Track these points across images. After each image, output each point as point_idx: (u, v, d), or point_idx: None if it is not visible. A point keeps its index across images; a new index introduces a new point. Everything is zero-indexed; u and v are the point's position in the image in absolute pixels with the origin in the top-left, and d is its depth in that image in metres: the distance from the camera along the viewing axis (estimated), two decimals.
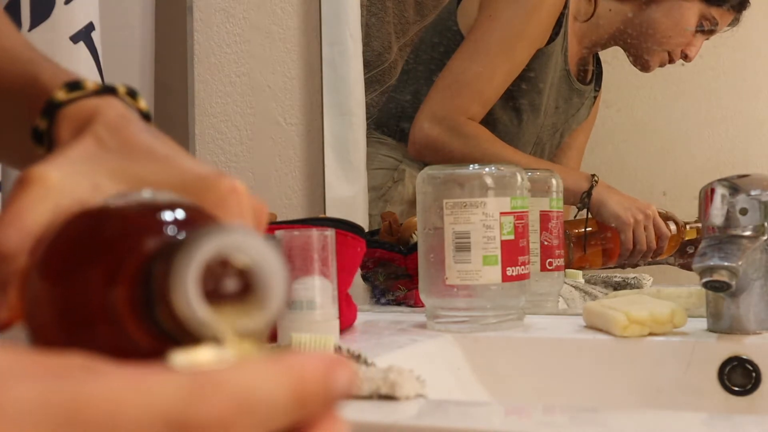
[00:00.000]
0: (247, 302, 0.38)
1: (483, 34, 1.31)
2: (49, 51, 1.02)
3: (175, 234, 0.39)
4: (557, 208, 1.19)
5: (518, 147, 1.35)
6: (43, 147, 0.52)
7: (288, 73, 1.36)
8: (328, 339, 0.85)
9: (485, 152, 1.27)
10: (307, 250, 0.93)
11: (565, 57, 1.34)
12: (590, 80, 1.39)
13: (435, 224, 1.03)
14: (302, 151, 1.35)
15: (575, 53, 1.36)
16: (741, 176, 0.96)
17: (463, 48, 1.31)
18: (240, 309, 0.37)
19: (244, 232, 0.37)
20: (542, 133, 1.38)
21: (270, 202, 1.35)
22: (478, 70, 1.30)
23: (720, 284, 0.90)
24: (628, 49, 1.35)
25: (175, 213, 0.40)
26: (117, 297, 0.37)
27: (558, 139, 1.40)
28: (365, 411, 0.73)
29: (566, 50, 1.33)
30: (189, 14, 1.37)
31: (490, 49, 1.30)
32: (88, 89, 0.52)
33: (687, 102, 1.38)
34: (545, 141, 1.38)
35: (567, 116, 1.38)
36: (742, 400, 0.94)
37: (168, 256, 0.35)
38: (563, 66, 1.34)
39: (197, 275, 0.35)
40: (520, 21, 1.31)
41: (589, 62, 1.38)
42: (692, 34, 1.30)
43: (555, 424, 0.73)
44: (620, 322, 0.97)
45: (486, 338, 1.01)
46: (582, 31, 1.35)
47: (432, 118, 1.30)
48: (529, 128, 1.36)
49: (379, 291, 1.25)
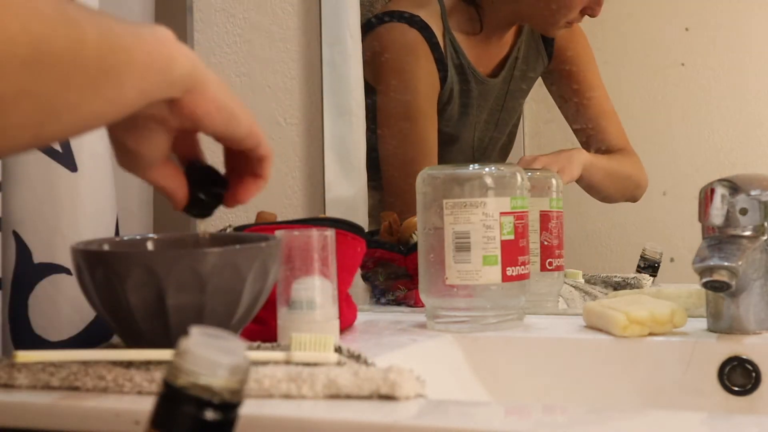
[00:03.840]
0: None
1: (385, 119, 1.38)
2: None
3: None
4: (557, 208, 1.19)
5: (458, 156, 1.39)
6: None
7: (288, 73, 1.35)
8: (328, 339, 0.85)
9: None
10: (307, 250, 0.93)
11: (470, 72, 1.36)
12: (503, 65, 1.40)
13: (435, 224, 1.03)
14: (302, 151, 1.35)
15: (483, 59, 1.38)
16: (741, 176, 0.96)
17: (380, 132, 1.38)
18: None
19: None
20: (477, 134, 1.40)
21: (270, 202, 1.35)
22: (406, 153, 1.37)
23: (720, 284, 0.90)
24: (530, 23, 1.39)
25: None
26: None
27: (501, 131, 1.42)
28: (365, 411, 0.73)
29: (468, 66, 1.36)
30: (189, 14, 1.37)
31: (406, 136, 1.37)
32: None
33: (687, 102, 1.38)
34: (485, 138, 1.40)
35: (497, 106, 1.40)
36: (742, 400, 0.94)
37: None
38: (472, 79, 1.36)
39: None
40: (406, 101, 1.37)
41: (501, 46, 1.40)
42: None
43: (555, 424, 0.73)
44: (620, 322, 0.97)
45: (486, 338, 1.01)
46: (479, 39, 1.37)
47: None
48: (462, 142, 1.39)
49: (379, 291, 1.25)
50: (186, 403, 0.50)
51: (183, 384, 0.50)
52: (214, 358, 0.50)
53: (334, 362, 0.82)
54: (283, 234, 0.93)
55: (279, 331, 0.94)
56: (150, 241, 0.96)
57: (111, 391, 0.80)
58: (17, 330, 1.01)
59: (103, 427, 0.77)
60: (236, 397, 0.51)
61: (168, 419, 0.50)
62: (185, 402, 0.50)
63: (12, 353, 0.83)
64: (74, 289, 0.91)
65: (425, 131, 1.36)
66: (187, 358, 0.50)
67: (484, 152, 1.41)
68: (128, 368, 0.82)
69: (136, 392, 0.79)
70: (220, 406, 0.50)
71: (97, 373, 0.81)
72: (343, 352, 0.85)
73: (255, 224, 1.10)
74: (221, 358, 0.50)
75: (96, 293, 0.87)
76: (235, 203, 0.79)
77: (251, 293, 0.87)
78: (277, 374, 0.78)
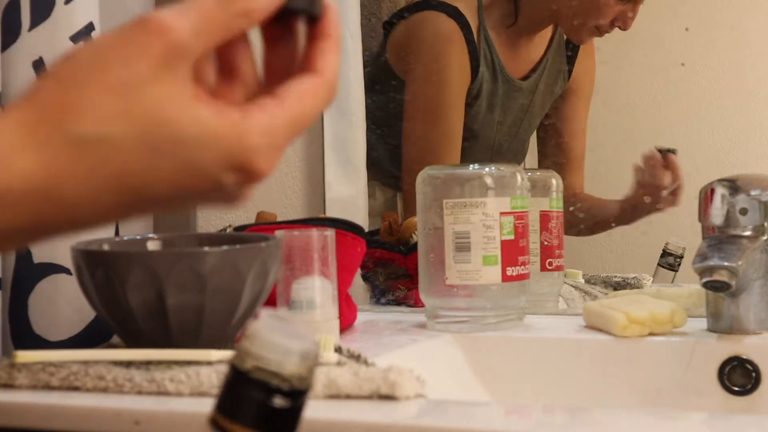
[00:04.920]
0: None
1: (412, 112, 1.38)
2: (49, 51, 1.02)
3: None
4: (557, 208, 1.19)
5: (477, 155, 1.38)
6: None
7: None
8: (328, 339, 0.85)
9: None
10: (307, 250, 0.93)
11: (500, 71, 1.36)
12: (533, 71, 1.40)
13: (435, 224, 1.03)
14: (302, 151, 1.35)
15: (513, 60, 1.38)
16: (741, 176, 0.96)
17: (406, 125, 1.38)
18: None
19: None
20: (498, 137, 1.40)
21: (270, 202, 1.35)
22: (431, 149, 1.37)
23: (720, 284, 0.90)
24: (560, 25, 1.38)
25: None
26: None
27: (520, 139, 1.42)
28: (365, 411, 0.73)
29: (499, 65, 1.35)
30: None
31: (428, 130, 1.37)
32: None
33: (687, 102, 1.38)
34: (505, 143, 1.40)
35: (521, 113, 1.40)
36: (742, 400, 0.94)
37: None
38: (501, 78, 1.36)
39: None
40: (436, 91, 1.36)
41: (530, 52, 1.39)
42: (617, 7, 1.31)
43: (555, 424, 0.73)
44: (620, 322, 0.97)
45: (486, 338, 1.01)
46: (510, 34, 1.37)
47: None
48: (483, 140, 1.39)
49: (379, 291, 1.25)
50: (254, 389, 0.47)
51: (250, 369, 0.47)
52: (284, 343, 0.47)
53: (334, 362, 0.82)
54: (283, 234, 0.93)
55: None
56: (150, 241, 0.96)
57: (111, 391, 0.80)
58: (17, 330, 1.01)
59: (103, 427, 0.77)
60: (305, 383, 0.48)
61: (234, 404, 0.48)
62: (253, 387, 0.47)
63: (12, 353, 0.83)
64: (74, 289, 0.92)
65: (451, 124, 1.35)
66: (256, 342, 0.47)
67: (502, 157, 1.41)
68: (128, 368, 0.82)
69: (136, 392, 0.79)
70: (289, 392, 0.48)
71: (97, 373, 0.81)
72: (343, 352, 0.85)
73: (255, 224, 1.10)
74: (292, 343, 0.48)
75: (96, 293, 0.87)
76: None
77: (251, 293, 0.87)
78: None
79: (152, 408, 0.77)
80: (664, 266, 1.32)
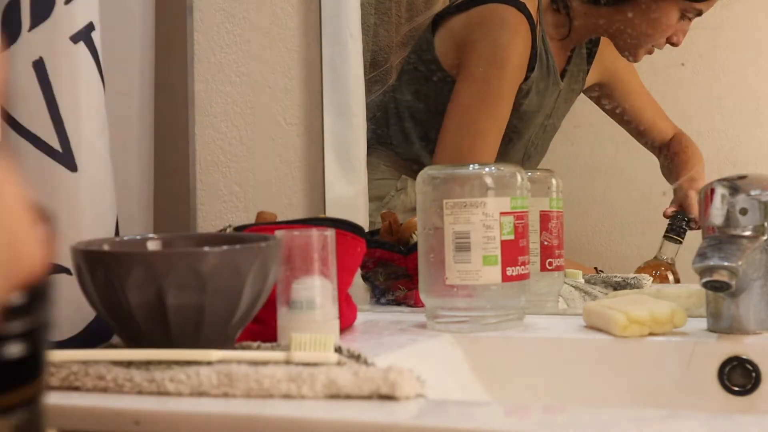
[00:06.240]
0: None
1: (465, 99, 1.36)
2: (49, 51, 1.02)
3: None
4: (557, 208, 1.19)
5: (510, 155, 1.38)
6: None
7: (288, 73, 1.35)
8: (328, 339, 0.85)
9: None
10: (307, 250, 0.93)
11: (553, 72, 1.36)
12: (564, 73, 1.40)
13: (435, 224, 1.03)
14: (302, 151, 1.35)
15: (559, 60, 1.38)
16: (741, 176, 0.96)
17: (452, 115, 1.36)
18: None
19: None
20: (535, 136, 1.39)
21: (270, 202, 1.35)
22: (473, 138, 1.36)
23: (720, 284, 0.90)
24: (613, 42, 1.37)
25: None
26: None
27: (548, 139, 1.42)
28: (365, 411, 0.73)
29: (552, 65, 1.35)
30: (189, 14, 1.37)
31: (478, 118, 1.36)
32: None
33: (687, 102, 1.38)
34: (537, 144, 1.40)
35: (549, 111, 1.40)
36: (742, 400, 0.94)
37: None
38: (552, 78, 1.36)
39: None
40: (495, 80, 1.36)
41: (560, 55, 1.40)
42: (677, 25, 1.31)
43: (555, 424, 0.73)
44: (620, 322, 0.97)
45: (486, 338, 1.01)
46: (559, 45, 1.37)
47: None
48: (524, 138, 1.38)
49: (379, 291, 1.25)
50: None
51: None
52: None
53: (334, 362, 0.82)
54: (283, 234, 0.93)
55: (279, 331, 0.94)
56: (150, 241, 0.96)
57: (111, 391, 0.80)
58: None
59: (103, 427, 0.77)
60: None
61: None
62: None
63: None
64: (74, 289, 0.91)
65: (503, 114, 1.35)
66: None
67: (530, 158, 1.41)
68: (128, 368, 0.82)
69: (136, 392, 0.79)
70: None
71: (97, 373, 0.81)
72: (343, 352, 0.85)
73: (255, 224, 1.10)
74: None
75: (96, 293, 0.87)
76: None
77: (251, 293, 0.87)
78: (277, 374, 0.78)
79: (152, 408, 0.77)
80: (671, 236, 1.32)
